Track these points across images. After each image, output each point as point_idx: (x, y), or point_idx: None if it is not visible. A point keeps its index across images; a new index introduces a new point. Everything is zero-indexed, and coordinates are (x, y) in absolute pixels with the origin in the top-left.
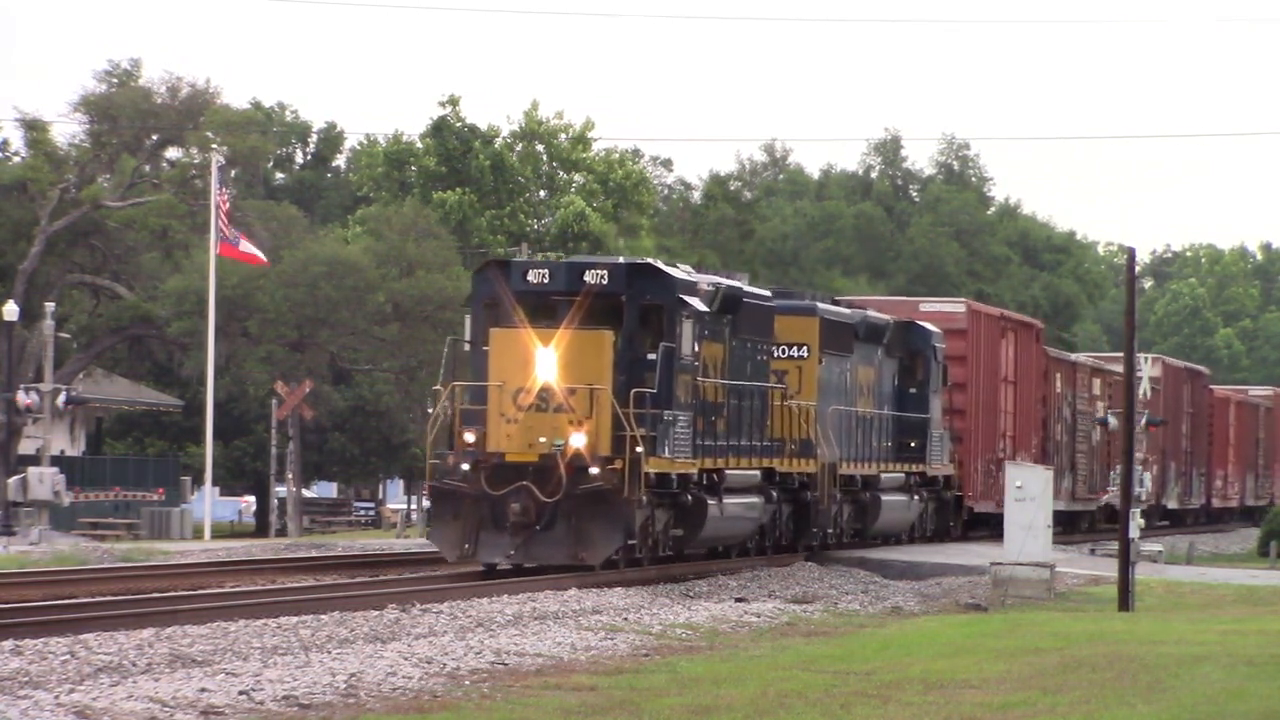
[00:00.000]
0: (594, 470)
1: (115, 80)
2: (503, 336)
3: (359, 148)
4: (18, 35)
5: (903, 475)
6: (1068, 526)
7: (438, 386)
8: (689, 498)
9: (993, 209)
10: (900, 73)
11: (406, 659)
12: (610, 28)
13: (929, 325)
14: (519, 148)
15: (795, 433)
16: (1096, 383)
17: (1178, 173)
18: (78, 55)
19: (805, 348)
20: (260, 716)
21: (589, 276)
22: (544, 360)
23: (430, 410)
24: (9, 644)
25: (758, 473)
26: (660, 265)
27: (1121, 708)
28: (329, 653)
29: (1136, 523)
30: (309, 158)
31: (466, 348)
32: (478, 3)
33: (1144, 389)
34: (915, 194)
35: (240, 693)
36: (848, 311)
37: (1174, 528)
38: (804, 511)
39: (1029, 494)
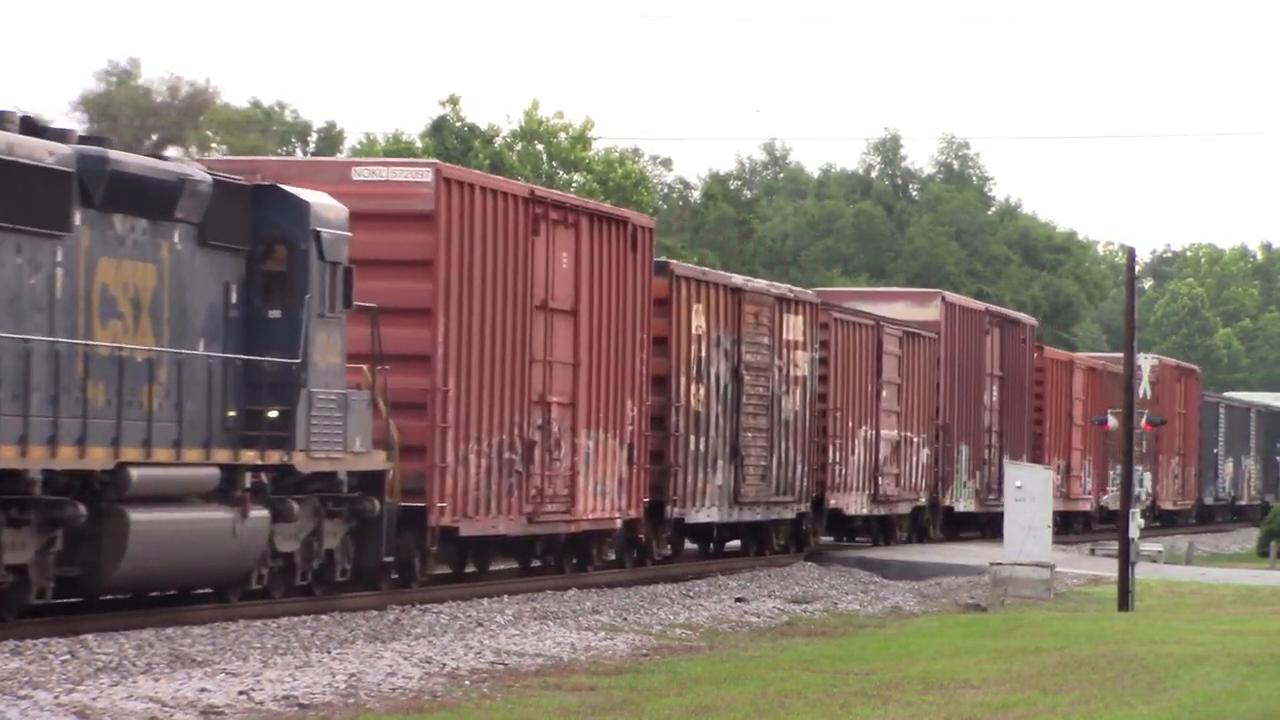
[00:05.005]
0: None
1: (115, 79)
2: None
3: (359, 147)
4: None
5: (216, 471)
6: (747, 539)
7: None
8: None
9: (993, 209)
10: (900, 73)
11: (406, 659)
12: (610, 28)
13: (309, 196)
14: (519, 147)
15: None
16: (795, 322)
17: (1178, 173)
18: (78, 55)
19: None
20: (260, 716)
21: None
22: None
23: None
24: (9, 644)
25: None
26: None
27: (1121, 708)
28: (329, 653)
29: (1137, 523)
30: (309, 157)
31: None
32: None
33: (897, 344)
34: (915, 193)
35: (240, 693)
36: (54, 147)
37: (985, 538)
38: None
39: (1029, 494)
